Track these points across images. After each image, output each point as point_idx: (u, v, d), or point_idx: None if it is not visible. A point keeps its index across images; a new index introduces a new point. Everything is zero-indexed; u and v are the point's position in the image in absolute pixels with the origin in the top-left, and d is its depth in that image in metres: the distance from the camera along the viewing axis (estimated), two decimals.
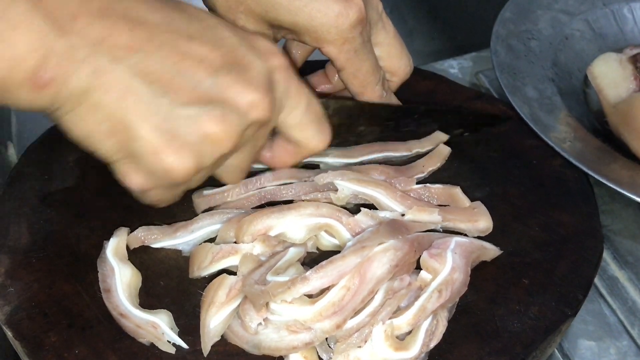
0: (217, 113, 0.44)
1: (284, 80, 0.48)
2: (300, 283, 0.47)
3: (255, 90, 0.45)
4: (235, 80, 0.44)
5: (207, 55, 0.44)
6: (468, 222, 0.55)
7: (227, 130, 0.44)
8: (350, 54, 0.56)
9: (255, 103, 0.45)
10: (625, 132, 0.64)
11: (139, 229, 0.55)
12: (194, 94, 0.43)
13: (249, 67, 0.45)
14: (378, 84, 0.59)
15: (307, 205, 0.54)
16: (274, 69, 0.47)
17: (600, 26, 0.77)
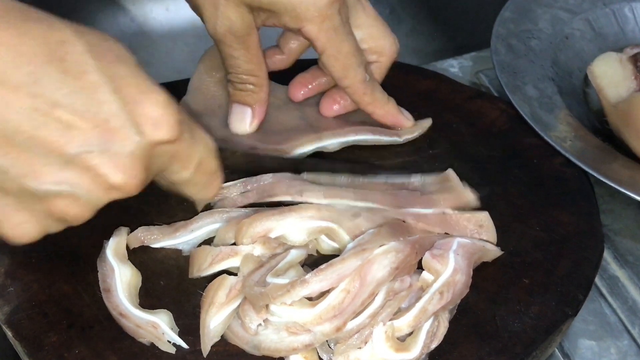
0: (69, 193, 0.41)
1: (168, 151, 0.43)
2: (299, 286, 0.47)
3: (121, 172, 0.41)
4: (99, 160, 0.40)
5: (72, 125, 0.39)
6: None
7: (76, 212, 0.42)
8: (330, 33, 0.55)
9: (119, 186, 0.41)
10: (625, 131, 0.64)
11: (139, 229, 0.54)
12: (46, 173, 0.40)
13: (122, 142, 0.40)
14: (360, 67, 0.58)
15: (308, 207, 0.54)
16: (155, 143, 0.42)
17: (601, 25, 0.77)
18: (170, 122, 0.42)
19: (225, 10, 0.55)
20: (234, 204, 0.56)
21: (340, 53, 0.57)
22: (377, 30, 0.61)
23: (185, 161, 0.46)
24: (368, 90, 0.60)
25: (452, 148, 0.64)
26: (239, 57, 0.58)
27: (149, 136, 0.41)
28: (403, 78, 0.70)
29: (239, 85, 0.60)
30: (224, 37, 0.57)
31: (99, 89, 0.40)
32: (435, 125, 0.65)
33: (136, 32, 0.96)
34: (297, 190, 0.55)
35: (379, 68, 0.62)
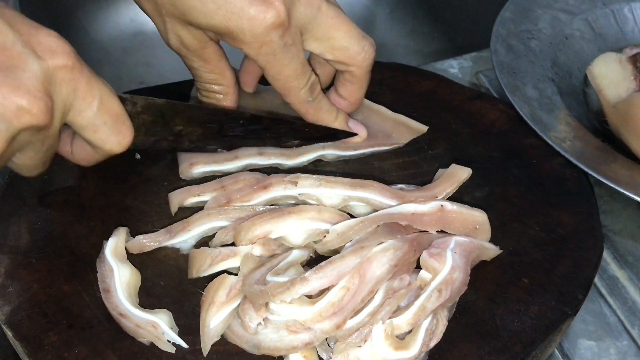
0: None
1: (69, 81, 0.44)
2: (299, 283, 0.47)
3: (25, 94, 0.41)
4: (2, 84, 0.41)
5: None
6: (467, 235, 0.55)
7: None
8: (269, 57, 0.54)
9: (25, 108, 0.42)
10: (624, 131, 0.64)
11: (138, 237, 0.54)
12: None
13: (22, 67, 0.42)
14: (302, 89, 0.57)
15: (309, 209, 0.54)
16: (55, 68, 0.43)
17: (601, 26, 0.77)
18: (66, 50, 0.44)
19: (172, 26, 0.55)
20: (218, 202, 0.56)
21: (280, 75, 0.56)
22: (340, 41, 0.57)
23: (87, 96, 0.46)
24: (311, 110, 0.59)
25: (452, 148, 0.64)
26: (198, 68, 0.58)
27: (49, 61, 0.43)
28: (402, 79, 0.70)
29: (205, 93, 0.60)
30: (179, 50, 0.57)
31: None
32: (434, 126, 0.65)
33: (136, 32, 0.96)
34: (291, 179, 0.55)
35: (353, 77, 0.59)
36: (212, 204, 0.56)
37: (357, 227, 0.52)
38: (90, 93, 0.46)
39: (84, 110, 0.46)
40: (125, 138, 0.49)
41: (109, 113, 0.48)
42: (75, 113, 0.46)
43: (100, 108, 0.47)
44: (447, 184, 0.58)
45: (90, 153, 0.50)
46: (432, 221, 0.54)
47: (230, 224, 0.54)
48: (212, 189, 0.57)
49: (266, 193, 0.56)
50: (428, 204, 0.54)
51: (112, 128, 0.48)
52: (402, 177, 0.61)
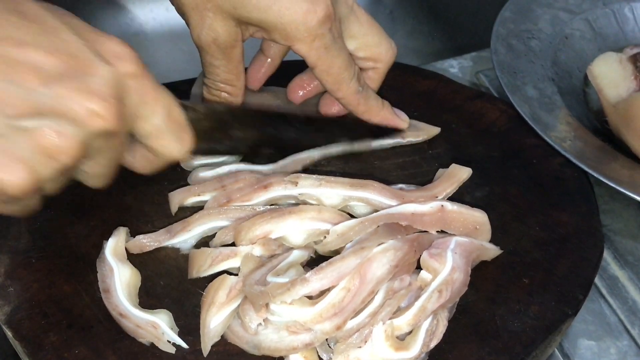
0: (53, 125, 0.41)
1: (137, 87, 0.45)
2: (300, 284, 0.47)
3: (97, 99, 0.42)
4: (74, 89, 0.41)
5: (41, 62, 0.41)
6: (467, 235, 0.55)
7: (63, 143, 0.42)
8: (321, 51, 0.55)
9: (97, 113, 0.42)
10: (625, 131, 0.64)
11: (138, 237, 0.54)
12: (26, 105, 0.40)
13: (92, 73, 0.42)
14: (352, 79, 0.58)
15: (309, 209, 0.54)
16: (126, 75, 0.44)
17: (601, 26, 0.77)
18: (132, 56, 0.45)
19: (212, 22, 0.55)
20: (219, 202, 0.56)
21: (332, 68, 0.57)
22: (372, 38, 0.60)
23: (154, 104, 0.46)
24: (362, 100, 0.60)
25: (452, 148, 0.64)
26: (219, 67, 0.58)
27: (118, 67, 0.43)
28: (403, 79, 0.70)
29: (214, 91, 0.60)
30: (208, 47, 0.57)
31: (60, 31, 0.42)
32: (435, 126, 0.65)
33: (136, 32, 0.96)
34: (291, 178, 0.55)
35: (377, 74, 0.62)
36: (212, 203, 0.56)
37: (357, 228, 0.52)
38: (157, 101, 0.47)
39: (151, 118, 0.47)
40: (187, 145, 0.50)
41: (173, 121, 0.48)
42: (142, 120, 0.47)
43: (166, 116, 0.47)
44: (447, 184, 0.58)
45: (151, 160, 0.50)
46: (432, 221, 0.54)
47: (230, 223, 0.54)
48: (212, 189, 0.57)
49: (266, 193, 0.55)
50: (428, 204, 0.54)
51: (175, 136, 0.49)
52: (402, 177, 0.61)
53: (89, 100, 0.42)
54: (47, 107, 0.41)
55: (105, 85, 0.43)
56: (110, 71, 0.43)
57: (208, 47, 0.57)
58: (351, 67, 0.58)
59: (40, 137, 0.41)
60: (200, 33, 0.56)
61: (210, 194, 0.57)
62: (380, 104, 0.62)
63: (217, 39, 0.56)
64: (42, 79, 0.41)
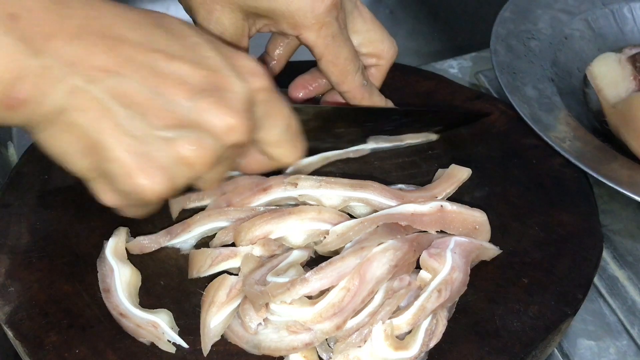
0: (194, 137, 0.43)
1: (265, 102, 0.47)
2: (300, 284, 0.47)
3: (234, 114, 0.44)
4: (214, 104, 0.43)
5: (188, 75, 0.43)
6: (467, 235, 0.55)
7: (202, 155, 0.44)
8: (328, 40, 0.56)
9: (233, 127, 0.44)
10: (624, 131, 0.64)
11: (138, 238, 0.54)
12: (171, 117, 0.43)
13: (229, 89, 0.44)
14: (358, 72, 0.59)
15: (309, 210, 0.54)
16: (256, 90, 0.46)
17: (600, 26, 0.77)
18: (262, 72, 0.47)
19: (219, 15, 0.55)
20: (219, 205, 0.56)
21: (338, 59, 0.57)
22: (375, 35, 0.61)
23: (278, 115, 0.49)
24: (366, 94, 0.60)
25: (452, 148, 0.64)
26: None
27: (251, 83, 0.46)
28: (402, 79, 0.70)
29: None
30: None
31: (202, 46, 0.45)
32: None
33: None
34: (291, 180, 0.55)
35: (379, 71, 0.63)
36: (212, 207, 0.56)
37: (357, 228, 0.52)
38: (280, 114, 0.49)
39: (274, 129, 0.49)
40: (299, 151, 0.52)
41: (291, 132, 0.50)
42: (265, 131, 0.49)
43: (286, 128, 0.50)
44: (447, 184, 0.58)
45: (265, 164, 0.52)
46: (432, 221, 0.54)
47: (230, 224, 0.54)
48: (213, 195, 0.57)
49: (266, 195, 0.56)
50: (428, 204, 0.54)
51: (292, 145, 0.51)
52: (402, 177, 0.61)
53: (228, 115, 0.44)
54: (190, 119, 0.43)
55: (241, 101, 0.45)
56: (244, 87, 0.45)
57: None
58: (357, 60, 0.59)
59: (181, 148, 0.43)
60: (207, 27, 0.56)
61: (210, 199, 0.57)
62: (384, 101, 0.62)
63: (224, 33, 0.56)
64: (188, 93, 0.43)
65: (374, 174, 0.61)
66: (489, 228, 0.55)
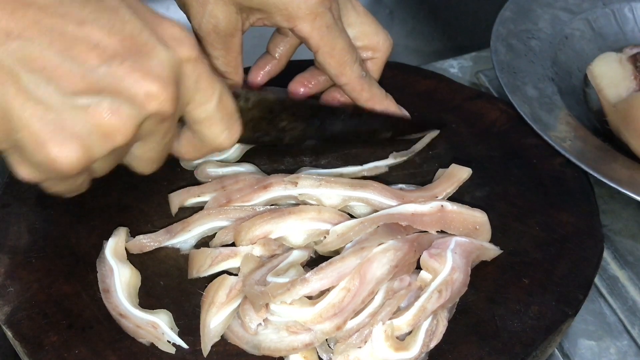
0: (109, 104, 0.41)
1: (193, 73, 0.45)
2: (300, 284, 0.47)
3: (154, 80, 0.42)
4: (132, 69, 0.41)
5: (101, 40, 0.40)
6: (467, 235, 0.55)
7: (119, 122, 0.41)
8: (323, 30, 0.56)
9: (154, 94, 0.42)
10: (625, 131, 0.64)
11: (138, 237, 0.54)
12: (83, 83, 0.40)
13: (150, 55, 0.42)
14: (355, 63, 0.59)
15: (309, 209, 0.54)
16: (183, 59, 0.44)
17: (601, 26, 0.77)
18: (191, 41, 0.44)
19: (213, 8, 0.55)
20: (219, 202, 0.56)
21: (335, 50, 0.57)
22: (369, 27, 0.61)
23: (208, 90, 0.46)
24: (365, 86, 0.60)
25: (452, 148, 0.64)
26: (218, 58, 0.58)
27: (176, 52, 0.43)
28: (403, 78, 0.70)
29: None
30: (208, 35, 0.57)
31: (119, 10, 0.42)
32: None
33: None
34: (291, 179, 0.55)
35: (375, 64, 0.62)
36: (212, 204, 0.56)
37: (357, 228, 0.52)
38: (212, 87, 0.46)
39: (204, 104, 0.47)
40: (235, 134, 0.49)
41: (224, 109, 0.48)
42: (194, 106, 0.46)
43: (218, 103, 0.47)
44: (447, 184, 0.58)
45: (198, 147, 0.50)
46: (432, 221, 0.54)
47: (230, 224, 0.54)
48: (213, 190, 0.57)
49: (266, 193, 0.55)
50: (428, 204, 0.54)
51: (225, 124, 0.48)
52: (402, 177, 0.61)
53: (147, 82, 0.41)
54: (104, 86, 0.41)
55: (163, 68, 0.42)
56: (168, 54, 0.43)
57: (208, 35, 0.57)
58: (354, 50, 0.59)
59: (96, 115, 0.41)
60: (200, 21, 0.56)
61: (210, 194, 0.57)
62: (383, 93, 0.62)
63: (217, 26, 0.56)
64: (101, 58, 0.40)
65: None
66: (490, 228, 0.55)
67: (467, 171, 0.59)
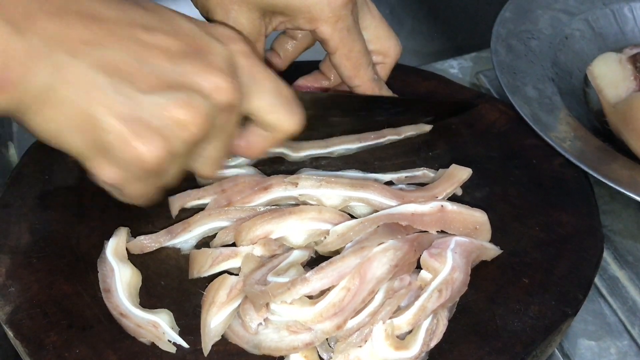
0: (183, 97, 0.44)
1: (247, 65, 0.48)
2: (300, 284, 0.47)
3: (218, 73, 0.45)
4: (197, 66, 0.45)
5: (168, 44, 0.44)
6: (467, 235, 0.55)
7: (194, 113, 0.44)
8: (344, 33, 0.57)
9: (220, 85, 0.45)
10: (625, 131, 0.64)
11: (139, 238, 0.54)
12: (157, 81, 0.43)
13: (210, 52, 0.46)
14: (369, 66, 0.60)
15: (309, 209, 0.54)
16: (236, 53, 0.47)
17: (600, 26, 0.77)
18: (241, 37, 0.49)
19: (236, 15, 0.56)
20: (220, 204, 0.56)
21: (352, 52, 0.58)
22: (383, 32, 0.62)
23: (264, 80, 0.49)
24: (376, 88, 0.61)
25: (452, 149, 0.64)
26: None
27: (229, 46, 0.47)
28: (403, 79, 0.70)
29: None
30: None
31: (175, 18, 0.47)
32: (434, 127, 0.65)
33: None
34: (292, 179, 0.56)
35: (384, 69, 0.63)
36: (212, 206, 0.56)
37: (357, 228, 0.52)
38: (267, 78, 0.49)
39: (263, 94, 0.49)
40: (300, 117, 0.51)
41: (284, 96, 0.50)
42: (256, 97, 0.49)
43: (276, 91, 0.50)
44: (447, 184, 0.58)
45: (267, 138, 0.52)
46: (432, 221, 0.54)
47: (231, 224, 0.54)
48: (213, 192, 0.57)
49: (266, 194, 0.56)
50: (428, 204, 0.54)
51: (288, 109, 0.50)
52: (402, 178, 0.61)
53: (213, 75, 0.45)
54: (176, 81, 0.44)
55: (223, 62, 0.46)
56: (224, 49, 0.47)
57: None
58: (368, 54, 0.60)
59: (172, 108, 0.44)
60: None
61: (210, 197, 0.57)
62: (391, 95, 0.63)
63: (241, 32, 0.56)
64: (170, 58, 0.44)
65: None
66: (490, 228, 0.55)
67: (467, 171, 0.60)
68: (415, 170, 0.61)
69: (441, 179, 0.59)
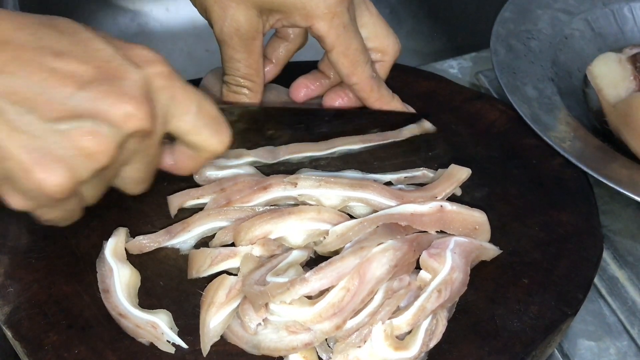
0: (89, 126, 0.43)
1: (167, 87, 0.47)
2: (299, 284, 0.47)
3: (129, 100, 0.44)
4: (107, 93, 0.43)
5: (78, 69, 0.43)
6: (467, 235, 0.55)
7: (99, 142, 0.43)
8: (340, 30, 0.57)
9: (129, 112, 0.44)
10: (624, 131, 0.64)
11: (138, 238, 0.54)
12: (63, 109, 0.42)
13: (123, 77, 0.44)
14: (367, 63, 0.60)
15: (308, 209, 0.54)
16: (154, 76, 0.46)
17: (600, 26, 0.77)
18: (160, 59, 0.47)
19: (234, 12, 0.56)
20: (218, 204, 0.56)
21: (349, 49, 0.58)
22: (381, 30, 0.62)
23: (186, 101, 0.48)
24: (375, 86, 0.61)
25: (452, 149, 0.64)
26: (240, 60, 0.59)
27: (146, 70, 0.45)
28: (402, 79, 0.70)
29: (234, 87, 0.60)
30: (230, 39, 0.57)
31: (92, 41, 0.45)
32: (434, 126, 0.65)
33: (136, 32, 0.96)
34: (291, 179, 0.56)
35: (383, 67, 0.63)
36: (211, 205, 0.56)
37: (356, 228, 0.52)
38: (188, 98, 0.48)
39: (185, 115, 0.48)
40: (226, 137, 0.51)
41: (208, 115, 0.49)
42: (176, 119, 0.48)
43: (198, 111, 0.49)
44: (447, 184, 0.58)
45: (194, 158, 0.51)
46: (432, 221, 0.54)
47: (230, 224, 0.54)
48: (212, 192, 0.57)
49: (266, 194, 0.56)
50: (427, 205, 0.54)
51: (212, 129, 0.50)
52: (401, 178, 0.61)
53: (123, 102, 0.44)
54: (83, 110, 0.43)
55: (136, 88, 0.44)
56: (140, 74, 0.45)
57: (230, 39, 0.57)
58: (366, 51, 0.60)
59: (77, 138, 0.43)
60: (222, 25, 0.57)
61: (209, 196, 0.57)
62: (390, 94, 0.63)
63: (239, 30, 0.57)
64: (78, 85, 0.43)
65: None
66: (489, 228, 0.55)
67: (467, 171, 0.60)
68: (415, 170, 0.60)
69: (440, 179, 0.59)
